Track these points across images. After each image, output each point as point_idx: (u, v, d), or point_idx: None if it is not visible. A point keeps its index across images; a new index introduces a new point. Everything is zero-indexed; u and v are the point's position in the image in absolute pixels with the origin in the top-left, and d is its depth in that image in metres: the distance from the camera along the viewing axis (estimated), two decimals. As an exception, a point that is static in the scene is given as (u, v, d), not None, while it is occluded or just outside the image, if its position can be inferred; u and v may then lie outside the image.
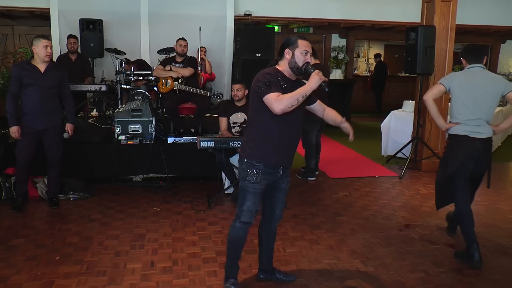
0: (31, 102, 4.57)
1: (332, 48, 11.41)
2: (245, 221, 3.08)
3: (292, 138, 3.09)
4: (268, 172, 3.04)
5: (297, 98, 2.84)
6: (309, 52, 2.96)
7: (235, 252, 3.20)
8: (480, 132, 3.71)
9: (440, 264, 3.70)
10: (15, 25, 10.08)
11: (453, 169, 3.80)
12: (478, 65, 3.79)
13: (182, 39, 6.10)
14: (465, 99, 3.72)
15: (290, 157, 3.13)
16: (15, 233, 4.17)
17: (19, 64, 4.71)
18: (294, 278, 3.40)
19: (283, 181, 3.17)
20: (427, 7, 6.59)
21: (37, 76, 4.57)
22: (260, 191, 3.06)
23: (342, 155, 7.68)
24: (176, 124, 6.07)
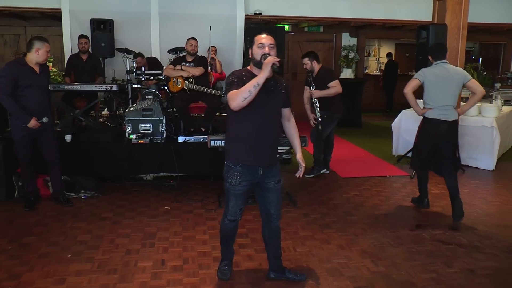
0: (30, 103, 4.52)
1: (342, 47, 11.36)
2: (231, 219, 3.19)
3: (268, 137, 3.07)
4: (247, 173, 3.06)
5: (249, 90, 2.85)
6: (266, 45, 2.97)
7: (227, 242, 3.34)
8: (447, 115, 4.59)
9: (452, 264, 3.67)
10: (27, 26, 10.17)
11: (427, 144, 4.71)
12: (443, 60, 4.67)
13: (193, 38, 6.12)
14: (435, 89, 4.60)
15: (268, 156, 3.10)
16: (27, 231, 4.21)
17: (14, 64, 4.53)
18: (304, 277, 3.39)
19: (270, 181, 3.14)
20: (439, 5, 6.54)
21: (35, 77, 4.54)
22: (241, 192, 3.09)
23: (353, 154, 7.65)
24: (186, 123, 6.08)
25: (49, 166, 4.89)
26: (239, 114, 2.96)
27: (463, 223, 4.57)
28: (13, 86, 4.41)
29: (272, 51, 2.99)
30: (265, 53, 2.97)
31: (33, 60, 4.53)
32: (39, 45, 4.48)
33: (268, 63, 2.85)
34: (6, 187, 5.02)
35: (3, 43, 10.15)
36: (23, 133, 4.58)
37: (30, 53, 4.51)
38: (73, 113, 6.19)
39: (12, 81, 4.40)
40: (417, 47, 6.55)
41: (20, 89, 4.45)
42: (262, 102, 2.97)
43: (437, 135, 4.63)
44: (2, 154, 4.97)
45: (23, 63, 4.51)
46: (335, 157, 6.69)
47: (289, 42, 11.00)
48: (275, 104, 3.08)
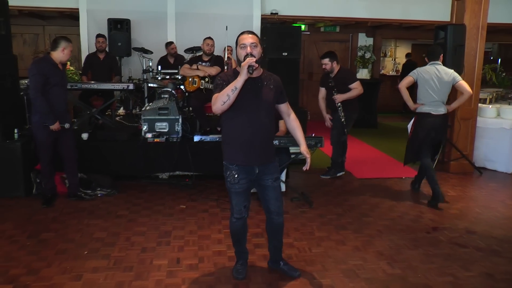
0: (56, 101, 4.62)
1: (358, 47, 11.29)
2: (237, 217, 3.22)
3: (257, 136, 3.07)
4: (244, 172, 3.10)
5: (227, 94, 2.90)
6: (248, 45, 2.98)
7: (239, 241, 3.37)
8: (438, 110, 5.10)
9: (470, 268, 3.62)
10: (46, 25, 10.30)
11: (421, 136, 5.15)
12: (436, 62, 5.19)
13: (209, 38, 6.13)
14: (428, 87, 5.11)
15: (258, 155, 3.10)
16: (45, 227, 4.26)
17: (42, 62, 4.60)
18: (297, 274, 3.41)
19: (267, 178, 3.16)
20: (457, 5, 6.45)
21: (60, 75, 4.66)
22: (241, 190, 3.13)
23: (368, 155, 7.60)
24: (202, 122, 6.10)
25: (67, 163, 4.96)
26: (228, 115, 3.04)
27: (481, 226, 4.51)
28: (43, 84, 4.48)
29: (255, 50, 2.99)
30: (247, 53, 2.96)
31: (58, 59, 4.63)
32: (65, 44, 4.60)
33: (244, 66, 2.87)
34: (25, 183, 5.09)
35: (22, 42, 10.28)
36: (47, 131, 4.65)
37: (55, 52, 4.60)
38: (89, 111, 6.25)
39: (43, 79, 4.48)
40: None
41: (48, 87, 4.53)
42: (249, 102, 3.00)
43: (430, 127, 5.12)
44: (21, 151, 5.04)
45: (51, 61, 4.60)
46: (351, 158, 6.66)
47: (305, 42, 10.97)
48: (264, 103, 3.07)
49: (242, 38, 3.03)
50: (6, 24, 5.13)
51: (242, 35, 3.04)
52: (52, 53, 4.63)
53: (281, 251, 3.47)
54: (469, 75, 6.42)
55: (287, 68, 6.88)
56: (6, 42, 5.16)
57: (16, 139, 5.12)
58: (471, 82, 6.45)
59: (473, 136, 6.64)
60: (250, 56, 2.94)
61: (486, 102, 7.47)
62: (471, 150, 6.66)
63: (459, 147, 6.48)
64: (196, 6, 8.74)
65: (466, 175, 6.42)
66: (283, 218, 3.31)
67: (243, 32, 3.07)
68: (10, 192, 5.06)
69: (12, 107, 5.19)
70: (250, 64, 2.87)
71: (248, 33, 3.05)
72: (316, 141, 4.95)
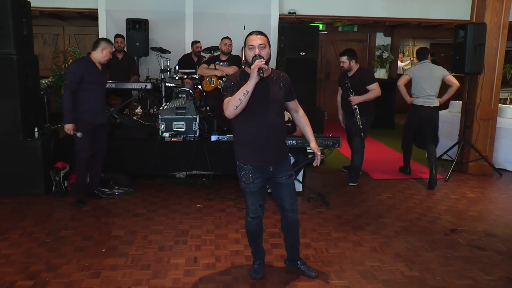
0: (93, 99, 4.79)
1: (376, 47, 11.20)
2: (253, 216, 3.23)
3: (271, 136, 3.07)
4: (258, 171, 3.11)
5: (239, 98, 2.89)
6: (256, 46, 2.95)
7: (255, 241, 3.38)
8: (430, 102, 5.85)
9: (489, 271, 3.57)
10: (65, 26, 10.43)
11: (414, 125, 6.02)
12: (426, 60, 5.97)
13: (227, 38, 6.15)
14: (421, 83, 5.86)
15: (274, 155, 3.11)
16: (64, 225, 4.33)
17: (81, 62, 4.85)
18: (314, 274, 3.40)
19: (281, 176, 3.17)
20: (478, 3, 6.36)
21: (98, 74, 4.82)
22: (256, 189, 3.14)
23: (386, 156, 7.54)
24: (219, 122, 6.12)
25: (96, 160, 5.06)
26: (239, 118, 3.03)
27: (501, 229, 4.44)
28: (77, 82, 4.66)
29: (263, 51, 2.97)
30: (255, 54, 2.94)
31: (97, 59, 4.78)
32: (105, 45, 4.77)
33: (254, 69, 2.85)
34: (45, 181, 5.17)
35: (42, 43, 10.43)
36: (88, 127, 4.80)
37: (95, 52, 4.78)
38: (108, 110, 6.31)
39: (78, 77, 4.65)
40: (454, 46, 6.38)
41: (85, 85, 4.70)
42: (260, 103, 3.01)
43: (422, 117, 5.87)
44: (41, 150, 5.12)
45: (89, 60, 4.79)
46: (368, 159, 6.60)
47: (323, 42, 10.91)
48: (275, 103, 3.07)
49: (250, 39, 3.00)
50: (28, 24, 5.22)
51: (250, 35, 3.01)
52: (92, 53, 4.82)
53: (298, 250, 3.47)
54: (489, 75, 6.32)
55: (305, 68, 6.86)
56: (28, 42, 5.25)
57: (36, 138, 5.21)
58: (491, 82, 6.36)
59: (493, 137, 6.53)
60: (259, 57, 2.91)
61: (507, 102, 7.36)
62: (491, 151, 6.56)
63: (478, 148, 6.39)
64: (214, 6, 8.76)
65: (486, 177, 6.33)
66: (298, 215, 3.32)
67: (252, 32, 3.03)
68: (30, 190, 5.14)
69: (32, 106, 5.27)
70: (260, 66, 2.86)
71: (256, 34, 3.01)
72: (333, 141, 4.92)
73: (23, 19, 5.09)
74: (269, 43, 3.04)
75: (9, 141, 5.07)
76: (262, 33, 3.04)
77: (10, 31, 4.88)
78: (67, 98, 4.66)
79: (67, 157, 5.48)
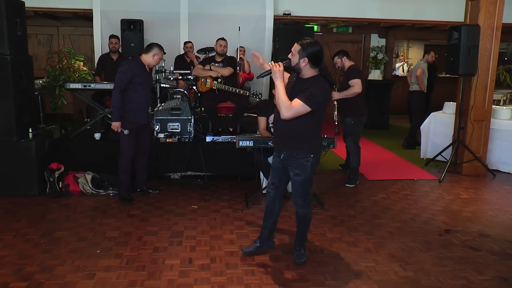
0: (140, 99, 4.88)
1: (371, 48, 11.24)
2: (268, 191, 3.69)
3: (281, 127, 3.47)
4: (277, 153, 3.60)
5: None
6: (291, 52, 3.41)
7: (265, 216, 3.74)
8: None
9: (483, 271, 3.59)
10: (60, 26, 10.39)
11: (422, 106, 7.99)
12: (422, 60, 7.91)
13: (222, 39, 6.15)
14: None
15: (280, 143, 3.52)
16: (59, 226, 4.31)
17: (132, 63, 4.87)
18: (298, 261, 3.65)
19: (291, 171, 3.49)
20: (472, 5, 6.39)
21: (147, 76, 4.91)
22: (274, 166, 3.61)
23: (380, 157, 7.56)
24: (214, 123, 6.12)
25: (139, 158, 5.14)
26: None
27: (495, 229, 4.47)
28: (127, 82, 4.76)
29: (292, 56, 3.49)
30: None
31: (147, 62, 4.87)
32: (157, 51, 4.85)
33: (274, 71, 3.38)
34: (39, 182, 5.15)
35: (37, 43, 10.39)
36: (134, 126, 4.89)
37: (146, 55, 4.87)
38: (103, 111, 6.30)
39: (129, 78, 4.75)
40: (449, 48, 6.42)
41: (134, 85, 4.80)
42: None
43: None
44: (35, 151, 5.10)
45: (140, 62, 4.87)
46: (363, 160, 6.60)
47: (317, 43, 10.92)
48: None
49: None
50: (22, 25, 5.20)
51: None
52: (143, 55, 4.90)
53: (299, 240, 3.71)
54: (483, 76, 6.36)
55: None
56: (22, 42, 5.23)
57: (30, 139, 5.18)
58: (485, 84, 6.40)
59: (487, 138, 6.57)
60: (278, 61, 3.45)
61: (500, 104, 7.40)
62: (485, 152, 6.60)
63: (472, 149, 6.43)
64: (209, 6, 8.76)
65: (479, 178, 6.36)
66: (304, 211, 3.58)
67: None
68: (24, 191, 5.12)
69: (26, 107, 5.25)
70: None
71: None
72: (328, 142, 4.94)
73: (17, 19, 5.07)
74: (300, 51, 3.43)
75: (3, 142, 5.04)
76: (296, 42, 3.50)
77: (4, 32, 4.86)
78: (116, 96, 4.76)
79: (62, 158, 5.47)
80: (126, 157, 4.95)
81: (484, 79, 6.38)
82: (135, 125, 4.91)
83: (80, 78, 7.60)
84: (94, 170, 5.42)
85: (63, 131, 7.13)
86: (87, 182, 5.27)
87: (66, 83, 6.10)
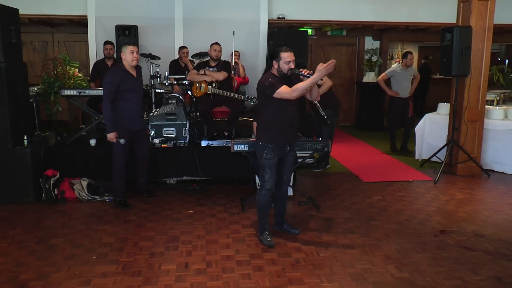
0: (131, 106, 4.88)
1: (365, 51, 11.28)
2: (268, 188, 4.00)
3: (292, 121, 3.97)
4: (278, 150, 3.94)
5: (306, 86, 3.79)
6: (291, 62, 3.83)
7: (264, 213, 4.10)
8: (404, 95, 7.62)
9: (478, 271, 3.61)
10: (54, 32, 10.41)
11: (396, 111, 7.74)
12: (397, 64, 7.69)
13: (216, 43, 6.16)
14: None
15: (292, 135, 4.04)
16: (54, 233, 4.31)
17: (115, 72, 4.84)
18: (297, 231, 4.28)
19: (289, 155, 4.09)
20: (463, 7, 6.44)
21: (133, 81, 4.88)
22: (274, 164, 3.96)
23: (375, 159, 7.58)
24: (209, 127, 6.13)
25: (139, 163, 5.21)
26: (272, 107, 3.86)
27: (489, 229, 4.49)
28: (114, 92, 4.76)
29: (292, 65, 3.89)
30: (291, 68, 3.86)
31: (127, 65, 4.84)
32: (123, 49, 4.85)
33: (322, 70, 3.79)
34: (34, 189, 5.14)
35: (32, 50, 10.40)
36: (127, 133, 4.91)
37: (123, 60, 4.86)
38: (98, 117, 6.30)
39: (115, 87, 4.75)
40: (442, 49, 6.46)
41: (122, 93, 4.80)
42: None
43: (400, 105, 7.69)
44: (31, 158, 5.10)
45: (123, 69, 4.86)
46: (358, 162, 6.67)
47: (312, 46, 10.97)
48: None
49: (286, 55, 3.84)
50: (17, 32, 5.21)
51: (285, 52, 3.83)
52: (123, 60, 4.87)
53: (284, 215, 4.32)
54: (475, 77, 6.40)
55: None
56: (16, 49, 5.24)
57: (26, 146, 5.18)
58: (478, 84, 6.44)
59: (481, 138, 6.61)
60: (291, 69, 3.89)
61: (494, 104, 7.44)
62: (479, 153, 6.63)
63: (467, 149, 6.46)
64: (203, 11, 8.77)
65: (474, 178, 6.39)
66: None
67: (286, 49, 3.84)
68: (20, 198, 5.12)
69: (21, 114, 5.25)
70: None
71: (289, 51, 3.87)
72: (323, 145, 4.96)
73: (12, 27, 5.08)
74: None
75: (-2, 149, 5.04)
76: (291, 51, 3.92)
77: (-2, 39, 4.87)
78: (106, 109, 4.75)
79: (58, 164, 5.47)
80: (120, 163, 4.96)
81: (477, 80, 6.42)
82: (130, 131, 4.93)
83: (75, 84, 7.59)
84: (90, 176, 5.42)
85: (59, 137, 7.12)
86: (83, 188, 5.27)
87: (61, 89, 6.09)
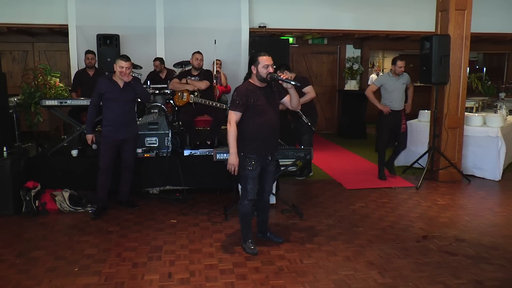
0: (112, 115, 4.97)
1: (346, 59, 11.40)
2: (251, 198, 4.00)
3: (273, 131, 3.96)
4: (260, 160, 3.94)
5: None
6: (269, 65, 3.82)
7: (247, 222, 4.10)
8: (396, 107, 6.52)
9: (459, 275, 3.65)
10: (35, 42, 10.30)
11: (387, 126, 6.59)
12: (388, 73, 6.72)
13: (198, 52, 6.17)
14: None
15: (273, 145, 4.04)
16: (35, 245, 4.24)
17: (103, 80, 5.05)
18: (281, 240, 4.28)
19: (271, 165, 4.10)
20: (441, 16, 6.57)
21: (117, 92, 4.94)
22: (256, 175, 3.97)
23: (358, 166, 7.64)
24: (192, 136, 6.12)
25: (125, 171, 5.28)
26: (251, 118, 3.85)
27: (470, 234, 4.56)
28: (99, 98, 4.98)
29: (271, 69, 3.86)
30: (269, 72, 3.83)
31: (117, 76, 4.95)
32: (116, 62, 4.92)
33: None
34: (14, 201, 5.06)
35: (11, 60, 10.26)
36: (109, 140, 5.00)
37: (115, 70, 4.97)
38: (80, 128, 6.24)
39: (98, 94, 4.96)
40: (421, 57, 6.57)
41: (106, 102, 4.98)
42: (266, 106, 3.90)
43: (392, 119, 6.56)
44: (10, 169, 5.02)
45: (110, 78, 5.03)
46: (340, 169, 6.71)
47: (293, 55, 11.06)
48: (275, 105, 4.02)
49: (264, 59, 3.83)
50: (-5, 42, 5.15)
51: (263, 56, 3.83)
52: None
53: (267, 223, 4.35)
54: (455, 85, 6.52)
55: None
56: (-6, 60, 5.17)
57: (5, 157, 5.10)
58: (457, 92, 6.55)
59: (461, 144, 6.71)
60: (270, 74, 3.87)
61: (473, 111, 7.58)
62: (459, 159, 6.73)
63: (448, 155, 6.56)
64: (185, 20, 8.79)
65: (455, 183, 6.49)
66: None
67: (264, 54, 3.85)
68: (-1, 210, 5.03)
69: (1, 125, 5.18)
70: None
71: (267, 56, 3.87)
72: (305, 153, 4.99)
73: (-10, 37, 5.03)
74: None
75: (-24, 161, 4.96)
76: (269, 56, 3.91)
77: (-24, 49, 4.81)
78: (90, 110, 5.04)
79: (39, 176, 5.40)
80: (102, 169, 5.05)
81: (456, 87, 6.53)
82: (111, 139, 4.99)
83: (56, 94, 7.52)
84: (72, 188, 5.36)
85: (40, 148, 7.03)
86: (65, 199, 5.20)
87: (42, 100, 6.02)
